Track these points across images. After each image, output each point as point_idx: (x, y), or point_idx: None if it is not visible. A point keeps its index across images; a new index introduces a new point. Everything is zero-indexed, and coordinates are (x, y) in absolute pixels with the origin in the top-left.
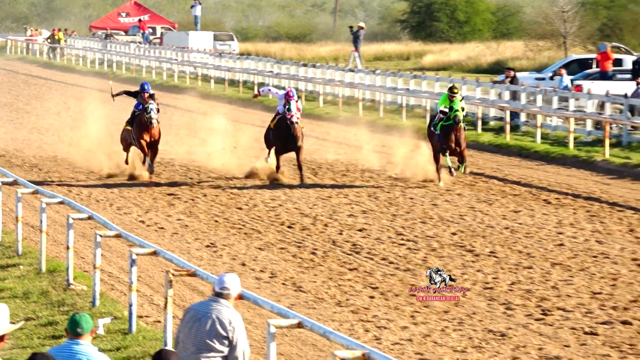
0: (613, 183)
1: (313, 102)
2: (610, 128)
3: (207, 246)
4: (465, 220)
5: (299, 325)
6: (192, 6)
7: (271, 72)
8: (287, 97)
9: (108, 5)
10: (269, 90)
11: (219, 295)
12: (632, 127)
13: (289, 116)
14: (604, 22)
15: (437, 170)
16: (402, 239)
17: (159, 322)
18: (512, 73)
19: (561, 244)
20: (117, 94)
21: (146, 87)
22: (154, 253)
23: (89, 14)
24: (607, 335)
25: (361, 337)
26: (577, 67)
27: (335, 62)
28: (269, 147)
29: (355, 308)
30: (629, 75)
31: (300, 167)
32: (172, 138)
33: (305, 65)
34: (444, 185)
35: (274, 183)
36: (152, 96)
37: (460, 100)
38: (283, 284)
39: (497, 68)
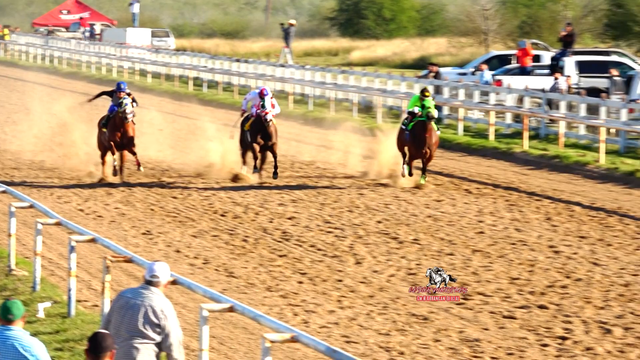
0: (531, 173)
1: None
2: (529, 121)
3: (143, 234)
4: (390, 209)
5: (231, 309)
6: (130, 4)
7: (205, 67)
8: (261, 95)
9: (50, 2)
10: (244, 102)
11: (149, 283)
12: (550, 120)
13: (263, 113)
14: (523, 20)
15: (404, 164)
16: (330, 227)
17: (97, 306)
18: (435, 68)
19: (481, 232)
20: (95, 97)
21: (122, 87)
22: (93, 240)
23: (32, 11)
24: (525, 319)
25: (290, 320)
26: (498, 63)
27: (267, 57)
28: (244, 151)
29: (285, 293)
30: (547, 71)
31: (275, 164)
32: None
33: (238, 60)
34: (404, 183)
35: (236, 181)
36: (128, 95)
37: (434, 101)
38: (216, 270)
39: (421, 64)
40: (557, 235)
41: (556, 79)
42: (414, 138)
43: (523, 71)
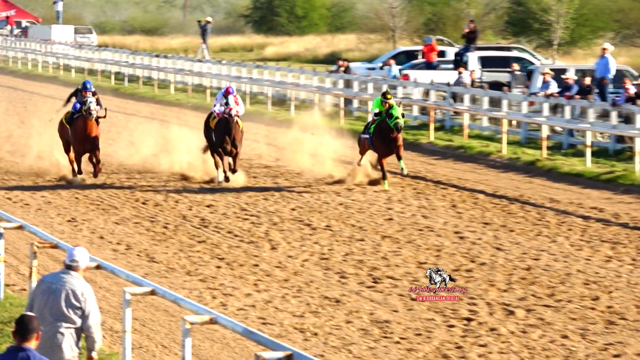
0: (437, 163)
1: (165, 89)
2: (435, 113)
3: (69, 221)
4: (304, 197)
5: (152, 292)
6: (55, 2)
7: (126, 62)
8: (226, 93)
9: None
10: (214, 106)
11: (69, 267)
12: (455, 112)
13: (227, 109)
14: (428, 18)
15: (358, 163)
16: (246, 214)
17: (25, 290)
18: (345, 63)
19: (390, 219)
20: (65, 102)
21: (88, 86)
22: (20, 227)
23: None
24: (432, 301)
25: (209, 303)
26: (405, 58)
27: (185, 53)
28: (211, 150)
29: (204, 277)
30: (451, 66)
31: (234, 162)
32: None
33: (157, 56)
34: (354, 185)
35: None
36: (93, 94)
37: (399, 106)
38: (137, 255)
39: (331, 59)
40: (462, 221)
41: (460, 73)
42: (382, 139)
43: (429, 66)
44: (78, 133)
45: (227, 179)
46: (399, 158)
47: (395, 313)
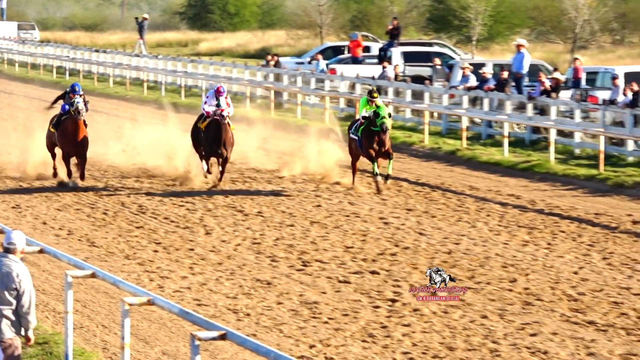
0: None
1: (104, 82)
2: None
3: (13, 207)
4: (236, 184)
5: (93, 275)
6: None
7: (68, 57)
8: (217, 94)
9: None
10: (203, 105)
11: (7, 250)
12: None
13: (219, 111)
14: (354, 15)
15: (353, 174)
16: (182, 201)
17: None
18: (275, 58)
19: (319, 205)
20: (52, 103)
21: (77, 89)
22: None
23: None
24: (358, 283)
25: (147, 285)
26: (332, 53)
27: (123, 48)
28: (199, 152)
29: (142, 260)
30: (375, 60)
31: (223, 170)
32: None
33: (97, 51)
34: (363, 190)
35: (211, 189)
36: (80, 97)
37: (387, 106)
38: (79, 240)
39: (262, 54)
40: (387, 208)
41: (384, 67)
42: (368, 144)
43: (354, 61)
44: (67, 134)
45: (210, 172)
46: (390, 159)
47: (324, 294)
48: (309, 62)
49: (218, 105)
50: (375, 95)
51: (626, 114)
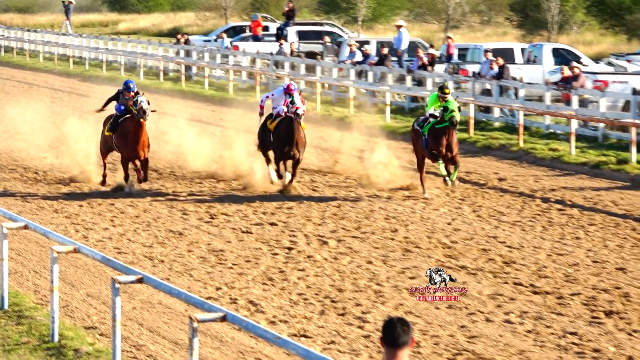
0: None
1: (35, 58)
2: (260, 78)
3: None
4: (151, 148)
5: (25, 227)
6: None
7: (2, 35)
8: (288, 91)
9: None
10: (264, 98)
11: None
12: (277, 77)
13: (293, 109)
14: None
15: (421, 179)
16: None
17: None
18: (185, 37)
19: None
20: (103, 106)
21: (131, 86)
22: None
23: None
24: (259, 234)
25: (73, 236)
26: (235, 32)
27: (51, 28)
28: (266, 153)
29: (68, 214)
30: (274, 38)
31: (294, 172)
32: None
33: (29, 30)
34: (429, 196)
35: (284, 194)
36: (137, 94)
37: (455, 100)
38: (12, 195)
39: (174, 33)
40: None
41: (281, 44)
42: (434, 144)
43: (255, 38)
44: (128, 137)
45: (280, 177)
46: (454, 167)
47: (229, 243)
48: (215, 40)
49: (292, 103)
50: (447, 91)
51: (493, 84)
